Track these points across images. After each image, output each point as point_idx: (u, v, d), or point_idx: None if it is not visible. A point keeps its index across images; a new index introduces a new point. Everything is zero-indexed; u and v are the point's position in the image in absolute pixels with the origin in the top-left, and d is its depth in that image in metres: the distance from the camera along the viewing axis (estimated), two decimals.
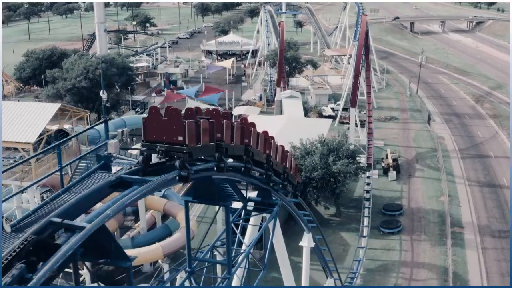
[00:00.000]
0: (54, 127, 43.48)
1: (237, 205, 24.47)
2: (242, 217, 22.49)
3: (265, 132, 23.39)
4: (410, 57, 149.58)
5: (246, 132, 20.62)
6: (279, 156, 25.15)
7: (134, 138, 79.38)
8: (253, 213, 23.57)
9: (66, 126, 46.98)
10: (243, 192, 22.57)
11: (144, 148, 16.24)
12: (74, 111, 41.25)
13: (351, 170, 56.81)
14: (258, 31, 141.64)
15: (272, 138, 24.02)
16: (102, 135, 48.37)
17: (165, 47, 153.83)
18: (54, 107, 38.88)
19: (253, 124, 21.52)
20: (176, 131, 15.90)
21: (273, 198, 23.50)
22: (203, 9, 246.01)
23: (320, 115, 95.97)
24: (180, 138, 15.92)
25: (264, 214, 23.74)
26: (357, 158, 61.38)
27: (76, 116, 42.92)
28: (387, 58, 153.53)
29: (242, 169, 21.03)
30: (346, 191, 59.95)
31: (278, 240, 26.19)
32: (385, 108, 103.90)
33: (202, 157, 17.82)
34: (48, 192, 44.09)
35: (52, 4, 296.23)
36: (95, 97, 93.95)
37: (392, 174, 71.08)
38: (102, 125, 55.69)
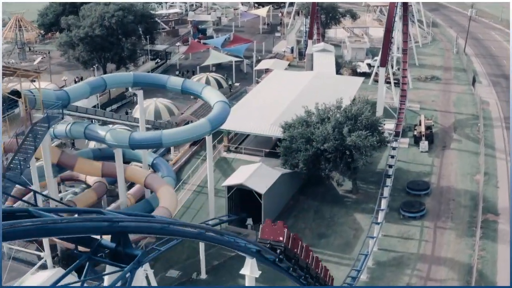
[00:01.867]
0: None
1: None
2: (83, 276, 14.97)
3: (317, 256, 35.98)
4: (462, 9, 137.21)
5: (307, 254, 33.54)
6: (324, 272, 36.69)
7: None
8: (107, 268, 16.02)
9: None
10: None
11: (260, 243, 29.68)
12: (21, 72, 34.41)
13: (368, 143, 48.94)
14: None
15: (320, 261, 36.71)
16: (72, 97, 41.79)
17: None
18: None
19: (311, 251, 34.83)
20: (279, 233, 30.19)
21: (133, 247, 16.05)
22: None
23: (354, 72, 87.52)
24: (281, 238, 30.12)
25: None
26: (380, 128, 53.37)
27: (29, 77, 36.05)
28: (437, 10, 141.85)
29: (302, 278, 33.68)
30: (365, 164, 51.88)
31: None
32: (427, 66, 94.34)
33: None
34: None
35: None
36: (110, 47, 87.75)
37: (424, 144, 62.86)
38: (74, 85, 49.09)
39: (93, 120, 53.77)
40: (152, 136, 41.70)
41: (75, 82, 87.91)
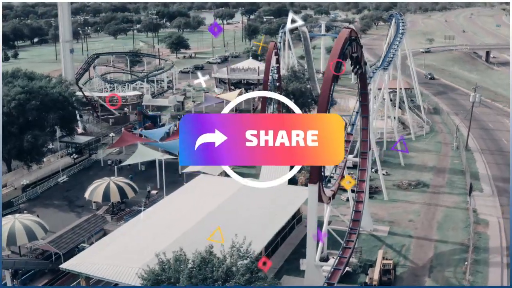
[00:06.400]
0: None
1: None
2: None
3: None
4: None
5: None
6: None
7: None
8: None
9: None
10: None
11: None
12: None
13: None
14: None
15: None
16: None
17: (171, 72, 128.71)
18: None
19: None
20: None
21: None
22: (251, 31, 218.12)
23: None
24: None
25: None
26: None
27: None
28: (444, 93, 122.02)
29: None
30: None
31: None
32: (415, 167, 73.54)
33: None
34: None
35: (105, 23, 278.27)
36: (8, 139, 69.13)
37: None
38: None
39: None
40: None
41: None
